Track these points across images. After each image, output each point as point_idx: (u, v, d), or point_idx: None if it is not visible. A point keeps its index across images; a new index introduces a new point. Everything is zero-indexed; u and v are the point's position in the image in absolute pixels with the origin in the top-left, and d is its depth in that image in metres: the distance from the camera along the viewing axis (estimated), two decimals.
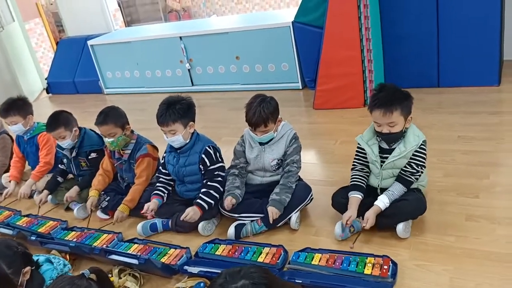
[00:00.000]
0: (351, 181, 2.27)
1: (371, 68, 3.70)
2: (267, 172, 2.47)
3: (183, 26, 5.93)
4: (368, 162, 2.26)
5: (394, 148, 2.15)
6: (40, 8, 7.96)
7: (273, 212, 2.28)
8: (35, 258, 2.05)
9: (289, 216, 2.36)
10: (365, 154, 2.24)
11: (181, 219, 2.41)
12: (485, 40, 3.57)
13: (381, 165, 2.18)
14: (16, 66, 6.17)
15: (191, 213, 2.38)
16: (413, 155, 2.12)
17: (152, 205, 2.52)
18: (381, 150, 2.20)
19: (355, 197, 2.19)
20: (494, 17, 3.50)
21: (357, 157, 2.32)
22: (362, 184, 2.24)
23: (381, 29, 3.82)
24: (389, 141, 2.15)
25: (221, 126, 3.95)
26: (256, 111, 2.29)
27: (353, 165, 2.32)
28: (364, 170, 2.28)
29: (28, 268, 1.86)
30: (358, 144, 2.28)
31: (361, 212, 2.17)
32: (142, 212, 2.52)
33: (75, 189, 2.92)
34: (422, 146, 2.14)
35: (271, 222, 2.30)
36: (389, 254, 1.97)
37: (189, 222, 2.40)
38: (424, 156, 2.15)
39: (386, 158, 2.17)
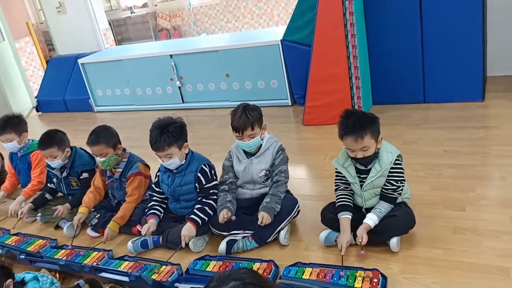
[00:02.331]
0: (337, 202, 2.27)
1: (359, 85, 3.77)
2: (256, 185, 2.49)
3: (173, 45, 5.99)
4: (348, 181, 2.28)
5: (370, 169, 2.18)
6: (31, 27, 8.00)
7: (264, 216, 2.28)
8: (21, 275, 2.03)
9: (278, 230, 2.37)
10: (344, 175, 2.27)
11: (183, 246, 2.38)
12: (468, 57, 3.66)
13: (361, 186, 2.21)
14: (6, 85, 6.16)
15: (185, 233, 2.37)
16: (390, 172, 2.14)
17: (151, 226, 2.49)
18: (358, 171, 2.22)
19: (346, 217, 2.20)
20: (476, 35, 3.60)
21: (338, 177, 2.33)
22: (349, 203, 2.25)
23: (367, 47, 3.91)
24: (364, 164, 2.17)
25: (212, 143, 3.97)
26: (241, 115, 2.34)
27: (336, 185, 2.33)
28: (348, 189, 2.29)
29: (9, 281, 1.84)
30: (336, 168, 2.30)
31: (351, 227, 2.19)
32: (142, 234, 2.49)
33: (66, 206, 2.91)
34: (397, 161, 2.16)
35: (262, 224, 2.29)
36: (379, 268, 1.99)
37: (175, 236, 2.41)
38: (402, 170, 2.18)
39: (365, 178, 2.19)
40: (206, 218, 2.44)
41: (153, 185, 2.67)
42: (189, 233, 2.38)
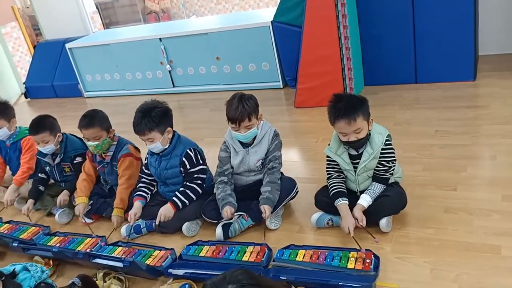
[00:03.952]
0: (332, 190, 2.25)
1: (350, 66, 3.75)
2: (251, 172, 2.48)
3: (162, 28, 5.90)
4: (341, 169, 2.27)
5: (362, 152, 2.17)
6: (16, 12, 7.81)
7: (266, 209, 2.28)
8: (11, 268, 2.01)
9: (276, 210, 2.38)
10: (337, 163, 2.26)
11: (156, 223, 2.41)
12: (460, 36, 3.65)
13: (355, 171, 2.21)
14: None
15: (163, 212, 2.40)
16: (382, 153, 2.14)
17: (137, 212, 2.49)
18: (351, 157, 2.21)
19: (343, 203, 2.18)
20: (468, 14, 3.58)
21: (329, 166, 2.31)
22: (343, 190, 2.24)
23: (359, 27, 3.88)
24: (356, 147, 2.16)
25: (203, 127, 3.95)
26: (238, 106, 2.29)
27: (328, 173, 2.32)
28: (341, 177, 2.28)
29: None
30: (328, 156, 2.28)
31: None
32: (129, 221, 2.49)
33: (66, 193, 2.88)
34: (387, 142, 2.16)
35: (265, 219, 2.29)
36: (371, 248, 2.00)
37: (168, 221, 2.42)
38: (392, 150, 2.18)
39: (358, 163, 2.18)
40: (187, 202, 2.45)
41: (143, 167, 2.67)
42: (166, 213, 2.40)
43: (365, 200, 2.15)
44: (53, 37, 6.26)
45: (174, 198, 2.44)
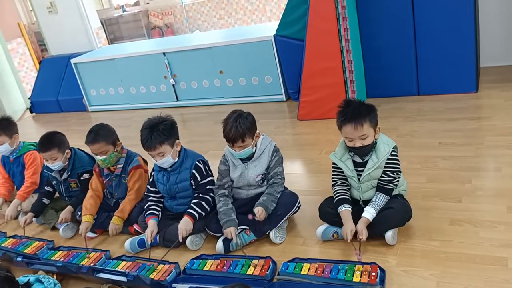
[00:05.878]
0: (336, 197, 2.26)
1: (353, 79, 3.77)
2: (251, 186, 2.47)
3: (166, 42, 5.97)
4: (345, 176, 2.28)
5: (367, 161, 2.18)
6: (22, 28, 7.94)
7: (261, 210, 2.27)
8: (25, 278, 2.04)
9: (278, 225, 2.37)
10: (342, 170, 2.26)
11: (180, 240, 2.37)
12: (461, 48, 3.66)
13: (359, 179, 2.21)
14: None
15: (183, 227, 2.37)
16: (387, 163, 2.15)
17: (153, 229, 2.46)
18: (355, 164, 2.22)
19: (346, 210, 2.19)
20: (468, 26, 3.60)
21: (334, 173, 2.33)
22: (347, 197, 2.25)
23: (360, 40, 3.91)
24: (362, 154, 2.17)
25: (207, 140, 3.97)
26: (232, 126, 2.29)
27: (333, 181, 2.33)
28: (345, 184, 2.29)
29: None
30: (333, 163, 2.30)
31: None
32: (147, 239, 2.46)
33: (69, 209, 2.86)
34: (393, 152, 2.17)
35: (257, 219, 2.27)
36: (377, 261, 1.99)
37: (172, 235, 2.41)
38: (397, 162, 2.18)
39: (362, 171, 2.19)
40: (203, 213, 2.44)
41: (148, 186, 2.66)
42: (186, 227, 2.38)
43: (369, 213, 2.15)
44: (58, 53, 6.34)
45: (190, 210, 2.43)
